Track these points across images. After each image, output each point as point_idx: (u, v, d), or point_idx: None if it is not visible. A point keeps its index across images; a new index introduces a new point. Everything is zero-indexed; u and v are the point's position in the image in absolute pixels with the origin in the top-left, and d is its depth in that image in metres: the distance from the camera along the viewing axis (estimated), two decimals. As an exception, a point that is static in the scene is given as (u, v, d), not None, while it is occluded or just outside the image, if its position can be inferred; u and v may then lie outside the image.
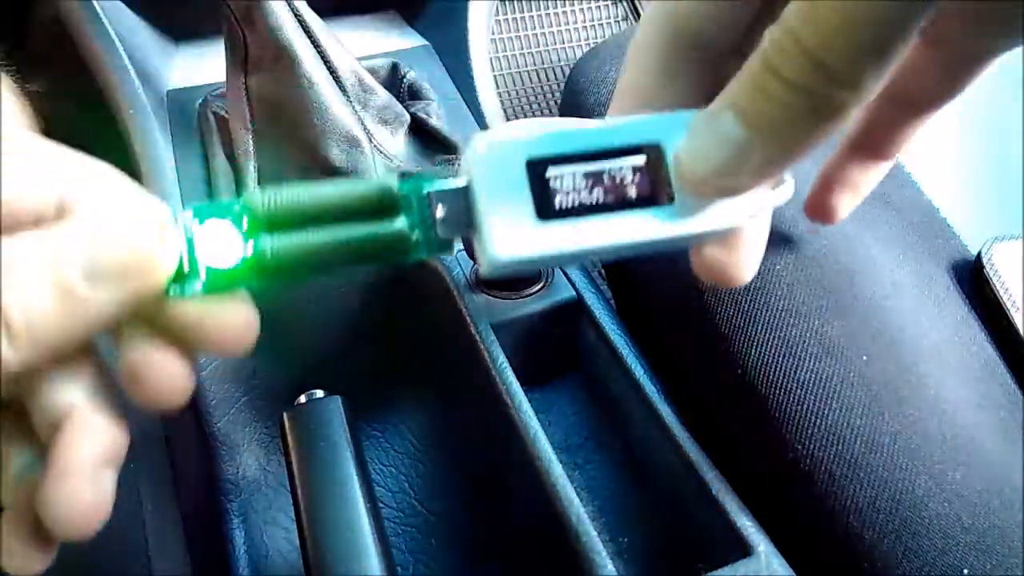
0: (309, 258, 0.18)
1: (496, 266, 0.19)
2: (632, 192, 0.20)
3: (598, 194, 0.19)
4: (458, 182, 0.20)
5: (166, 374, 0.18)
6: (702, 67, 0.21)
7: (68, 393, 0.18)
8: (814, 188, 0.29)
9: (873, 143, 0.27)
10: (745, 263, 0.23)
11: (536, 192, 0.19)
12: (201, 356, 0.33)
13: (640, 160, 0.20)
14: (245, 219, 0.18)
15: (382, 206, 0.19)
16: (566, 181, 0.19)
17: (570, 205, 0.19)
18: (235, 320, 0.19)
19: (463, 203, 0.19)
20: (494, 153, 0.19)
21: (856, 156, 0.28)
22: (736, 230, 0.21)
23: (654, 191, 0.20)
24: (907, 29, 0.15)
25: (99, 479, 0.18)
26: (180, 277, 0.18)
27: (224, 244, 0.18)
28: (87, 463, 0.18)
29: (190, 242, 0.18)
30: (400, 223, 0.19)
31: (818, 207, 0.29)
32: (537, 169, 0.19)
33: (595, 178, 0.19)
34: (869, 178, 0.28)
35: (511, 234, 0.19)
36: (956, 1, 0.19)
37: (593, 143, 0.20)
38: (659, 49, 0.21)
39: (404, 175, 0.20)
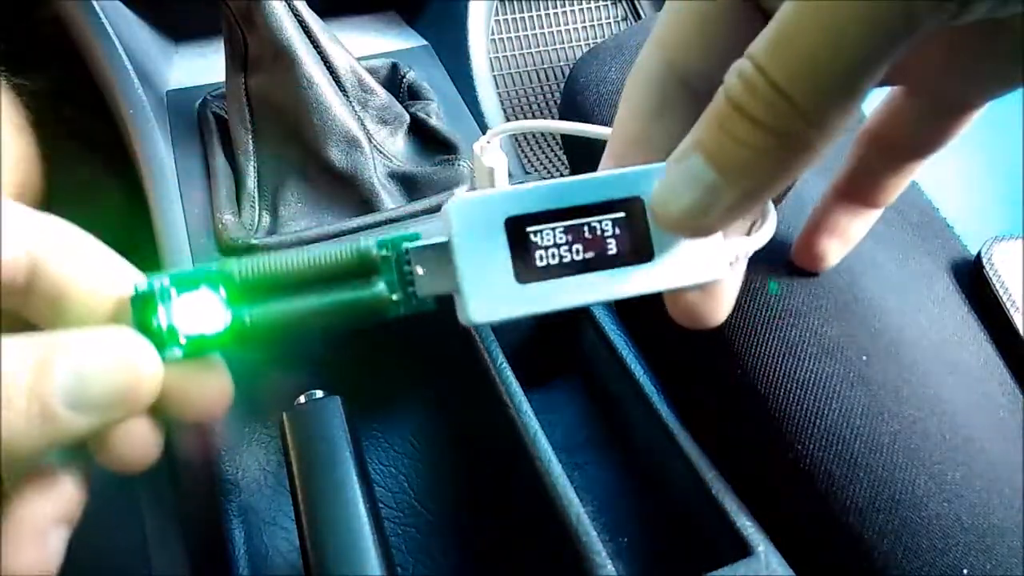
0: (287, 325, 0.18)
1: (473, 326, 0.19)
2: (612, 247, 0.20)
3: (578, 250, 0.19)
4: (437, 239, 0.20)
5: (136, 442, 0.18)
6: (694, 106, 0.21)
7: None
8: (802, 233, 0.29)
9: (860, 191, 0.27)
10: (722, 307, 0.23)
11: (516, 251, 0.19)
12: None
13: (620, 214, 0.20)
14: (223, 287, 0.18)
15: (361, 268, 0.19)
16: (546, 237, 0.19)
17: (550, 262, 0.19)
18: (211, 387, 0.19)
19: (442, 261, 0.19)
20: (474, 211, 0.19)
21: (844, 203, 0.27)
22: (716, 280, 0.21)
23: (634, 245, 0.20)
24: (879, 63, 0.15)
25: (50, 540, 0.18)
26: (159, 344, 0.18)
27: (203, 312, 0.18)
28: (40, 525, 0.18)
29: (168, 309, 0.18)
30: (379, 286, 0.19)
31: (807, 253, 0.29)
32: (517, 227, 0.19)
33: (575, 233, 0.19)
34: (858, 226, 0.28)
35: (489, 295, 0.19)
36: (929, 45, 0.19)
37: (573, 199, 0.19)
38: (652, 87, 0.21)
39: (383, 244, 0.20)
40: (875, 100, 0.23)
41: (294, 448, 0.28)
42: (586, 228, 0.19)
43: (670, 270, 0.20)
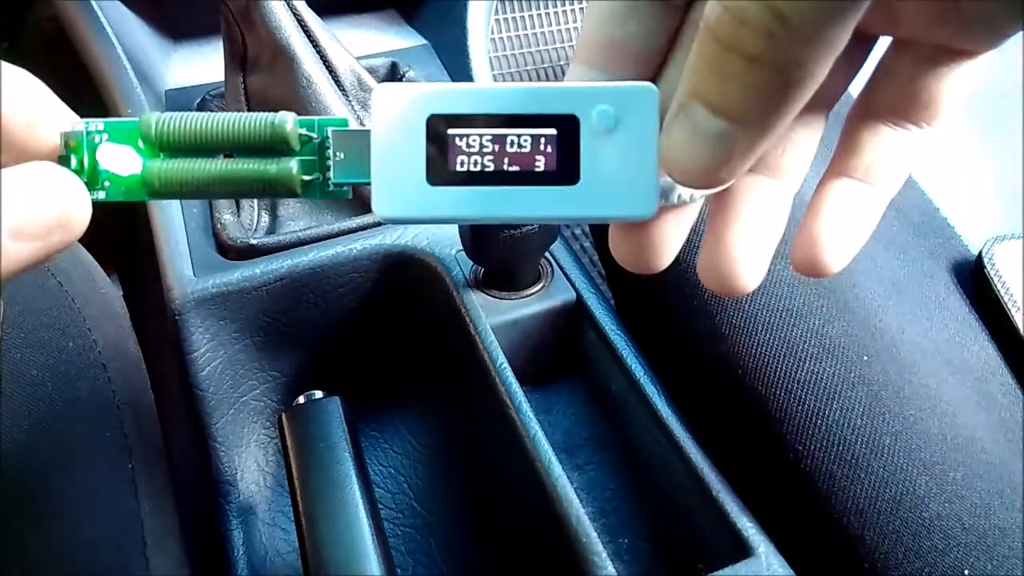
0: (191, 184, 0.19)
1: (381, 220, 0.19)
2: (538, 164, 0.19)
3: (500, 161, 0.19)
4: (362, 127, 0.20)
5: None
6: (659, 9, 0.20)
7: None
8: (800, 224, 0.26)
9: (859, 165, 0.25)
10: (663, 252, 0.22)
11: (433, 151, 0.19)
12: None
13: (551, 131, 0.19)
14: (140, 140, 0.19)
15: (274, 142, 0.19)
16: (469, 141, 0.19)
17: (470, 168, 0.19)
18: None
19: (363, 149, 0.19)
20: (398, 102, 0.19)
21: (842, 181, 0.26)
22: (647, 218, 0.20)
23: (562, 165, 0.19)
24: None
25: None
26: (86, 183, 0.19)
27: (121, 160, 0.20)
28: None
29: (93, 154, 0.19)
30: (290, 162, 0.19)
31: (805, 240, 0.24)
32: (439, 127, 0.19)
33: (500, 143, 0.19)
34: (859, 206, 0.25)
35: (397, 191, 0.19)
36: None
37: (506, 106, 0.19)
38: None
39: (304, 123, 0.20)
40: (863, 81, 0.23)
41: (293, 448, 0.28)
42: (513, 139, 0.19)
43: (595, 198, 0.19)
